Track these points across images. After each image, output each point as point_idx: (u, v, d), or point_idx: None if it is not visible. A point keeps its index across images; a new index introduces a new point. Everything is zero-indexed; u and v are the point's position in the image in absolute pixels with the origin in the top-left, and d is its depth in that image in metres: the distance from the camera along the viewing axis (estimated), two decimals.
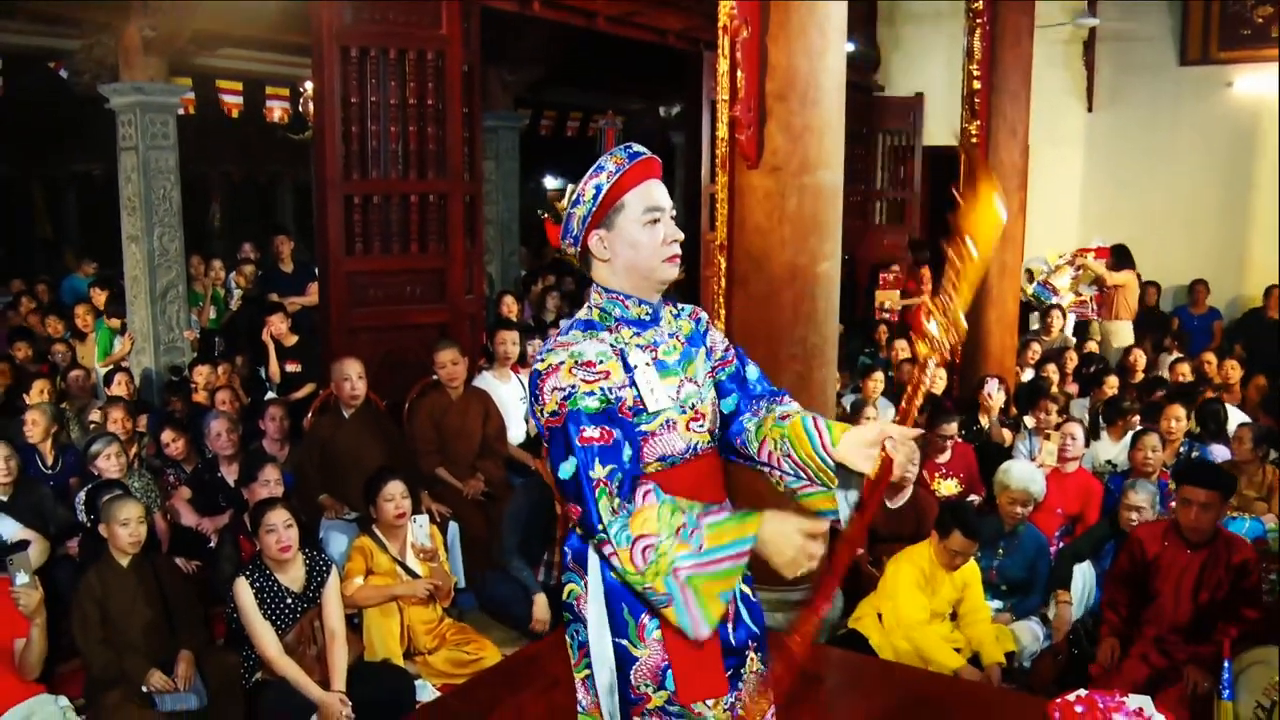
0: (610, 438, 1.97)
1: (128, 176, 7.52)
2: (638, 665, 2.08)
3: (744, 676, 2.17)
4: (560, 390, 1.99)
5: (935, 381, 1.99)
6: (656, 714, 2.09)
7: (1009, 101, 6.96)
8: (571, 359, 2.01)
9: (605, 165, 2.08)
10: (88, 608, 4.04)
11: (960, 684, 4.04)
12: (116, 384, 6.66)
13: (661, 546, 1.91)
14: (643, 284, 2.12)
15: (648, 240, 2.08)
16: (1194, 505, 4.02)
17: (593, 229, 2.08)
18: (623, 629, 2.09)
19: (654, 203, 2.08)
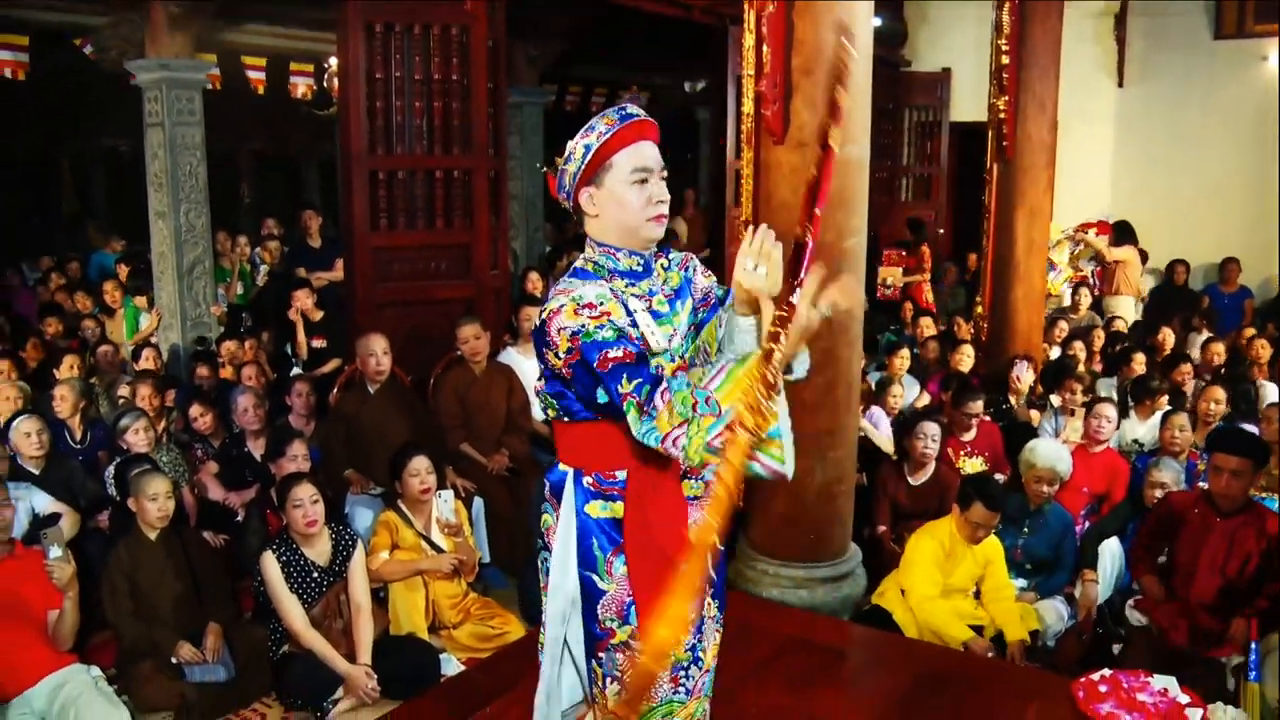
0: (631, 356, 2.00)
1: (154, 153, 7.55)
2: (604, 600, 2.16)
3: (704, 621, 2.25)
4: (567, 329, 2.05)
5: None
6: (620, 649, 2.16)
7: (1038, 77, 6.86)
8: (573, 303, 2.06)
9: (596, 125, 2.15)
10: (117, 581, 4.10)
11: (984, 662, 4.03)
12: (144, 359, 6.72)
13: (688, 432, 1.92)
14: (630, 239, 2.19)
15: (634, 199, 2.14)
16: (1225, 472, 4.01)
17: (583, 186, 2.17)
18: (592, 563, 2.17)
19: (642, 163, 2.14)
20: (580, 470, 2.20)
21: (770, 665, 3.63)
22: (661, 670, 2.11)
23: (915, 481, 5.16)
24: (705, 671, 2.26)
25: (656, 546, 2.14)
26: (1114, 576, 4.65)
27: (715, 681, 2.33)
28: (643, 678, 2.07)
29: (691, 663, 2.22)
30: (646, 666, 2.00)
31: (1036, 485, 4.75)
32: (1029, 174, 6.97)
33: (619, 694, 2.18)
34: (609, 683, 2.20)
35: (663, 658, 2.03)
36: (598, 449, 2.18)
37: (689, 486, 2.24)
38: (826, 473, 4.33)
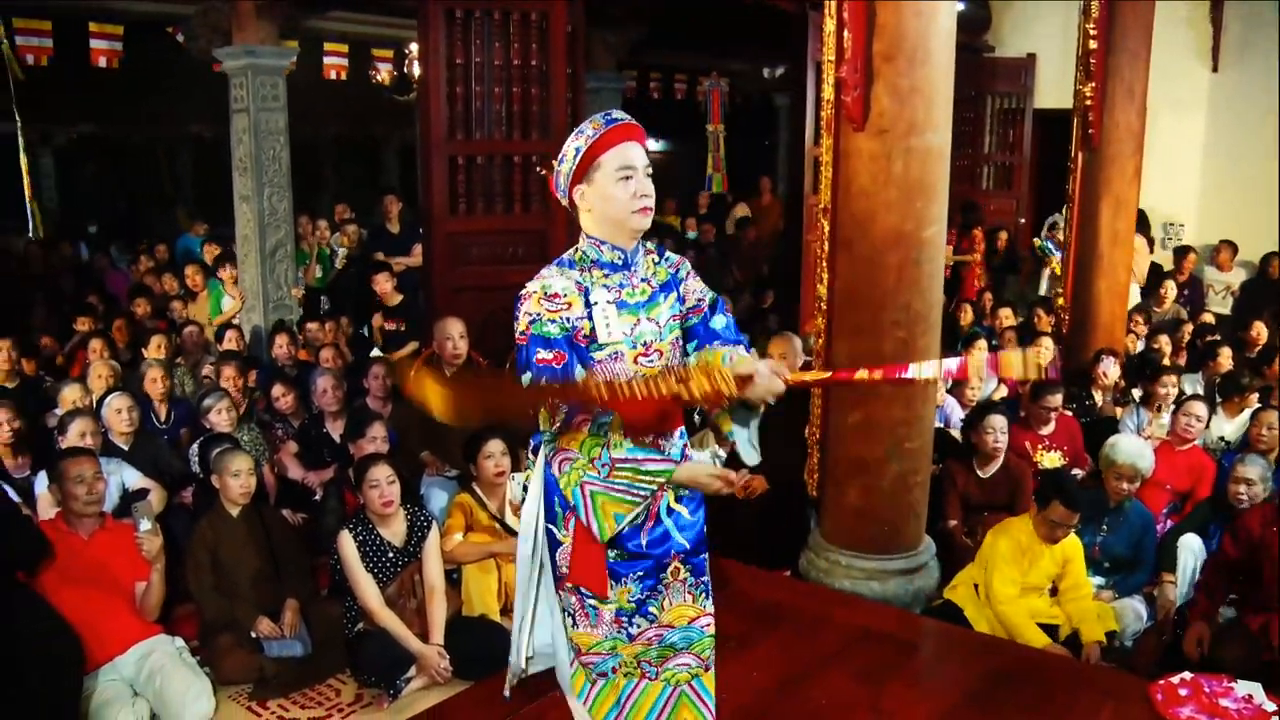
0: (561, 359, 2.31)
1: (239, 138, 7.72)
2: (561, 549, 2.49)
3: (664, 581, 2.50)
4: (529, 315, 2.37)
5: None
6: (573, 592, 2.49)
7: (1127, 62, 6.67)
8: (541, 290, 2.39)
9: (584, 130, 2.39)
10: (200, 555, 4.22)
11: (1057, 659, 3.96)
12: (227, 341, 6.88)
13: (575, 464, 2.33)
14: (618, 232, 2.43)
15: (620, 194, 2.37)
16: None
17: (575, 184, 2.42)
18: (553, 518, 2.48)
19: (627, 162, 2.37)
20: (554, 437, 2.44)
21: (840, 656, 3.61)
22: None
23: (984, 474, 5.08)
24: (664, 626, 2.51)
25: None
26: (1194, 575, 4.53)
27: (778, 668, 2.69)
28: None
29: (636, 612, 2.48)
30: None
31: (1117, 482, 4.64)
32: (1115, 163, 6.79)
33: (573, 626, 2.53)
34: (565, 616, 2.56)
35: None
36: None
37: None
38: (902, 464, 4.29)
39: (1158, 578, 4.58)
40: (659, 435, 2.44)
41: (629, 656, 2.51)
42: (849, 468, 4.37)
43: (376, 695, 4.09)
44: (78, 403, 5.17)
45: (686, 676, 2.55)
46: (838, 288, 4.36)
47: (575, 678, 2.58)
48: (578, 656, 2.55)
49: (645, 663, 2.52)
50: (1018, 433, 5.36)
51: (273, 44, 7.62)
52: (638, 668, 2.52)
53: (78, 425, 4.67)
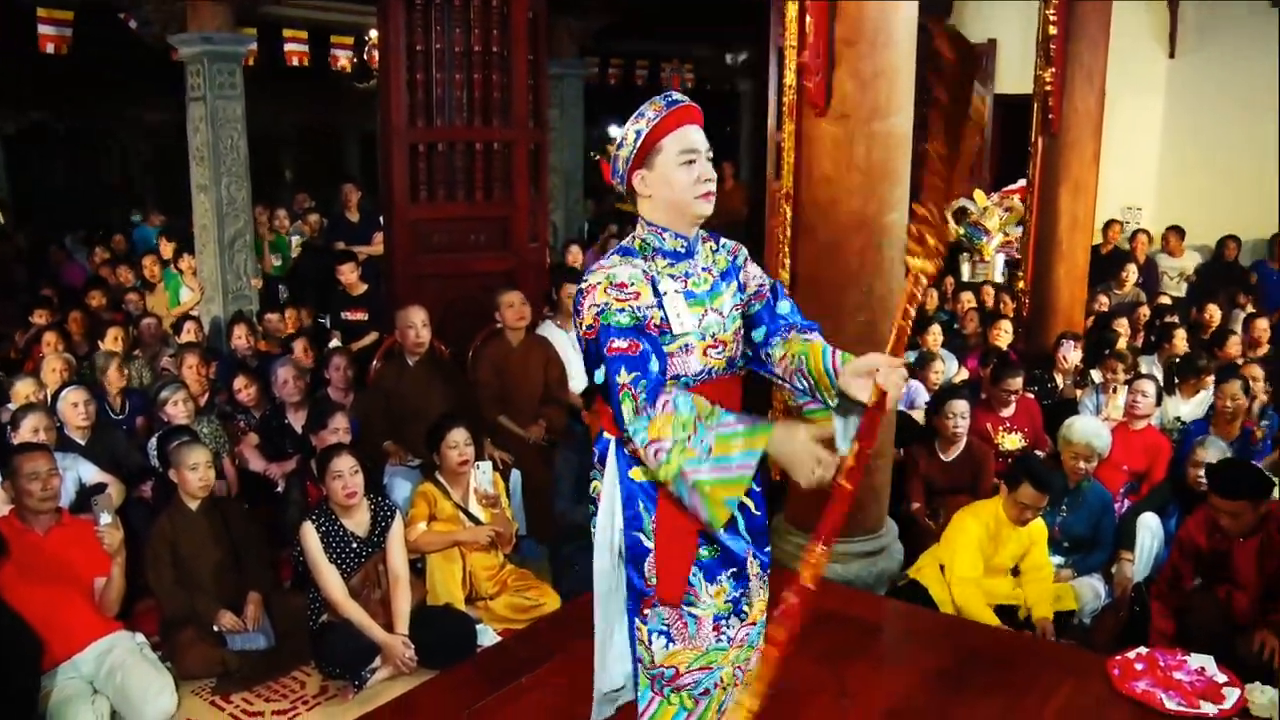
0: (637, 349, 2.17)
1: (196, 126, 7.62)
2: (650, 558, 2.32)
3: (748, 578, 2.39)
4: (595, 307, 2.22)
5: (926, 298, 2.01)
6: (667, 604, 2.33)
7: (1086, 47, 6.72)
8: (606, 280, 2.24)
9: (645, 112, 2.30)
10: (159, 550, 4.18)
11: (1019, 638, 4.01)
12: (186, 332, 6.80)
13: (671, 451, 2.06)
14: (679, 219, 2.33)
15: (682, 179, 2.28)
16: (1224, 514, 3.86)
17: (635, 169, 2.31)
18: (639, 524, 2.33)
19: (689, 145, 2.28)
20: (621, 439, 2.31)
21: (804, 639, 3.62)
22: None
23: (947, 458, 5.13)
24: (748, 624, 2.41)
25: (687, 512, 2.23)
26: (1152, 554, 4.60)
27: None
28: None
29: (733, 614, 2.36)
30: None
31: (1073, 462, 4.71)
32: (1074, 148, 6.85)
33: (666, 647, 2.34)
34: (654, 637, 2.35)
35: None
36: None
37: None
38: None
39: (1116, 556, 4.65)
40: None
41: (728, 667, 2.39)
42: None
43: (341, 687, 4.07)
44: (31, 397, 5.10)
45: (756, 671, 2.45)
46: (801, 273, 4.37)
47: (662, 712, 2.40)
48: (671, 681, 2.36)
49: (738, 669, 2.41)
50: (979, 415, 5.41)
51: (229, 31, 7.53)
52: (734, 677, 2.40)
53: (31, 420, 4.60)
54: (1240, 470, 4.06)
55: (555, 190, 10.49)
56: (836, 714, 3.20)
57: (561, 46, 10.47)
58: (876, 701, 3.26)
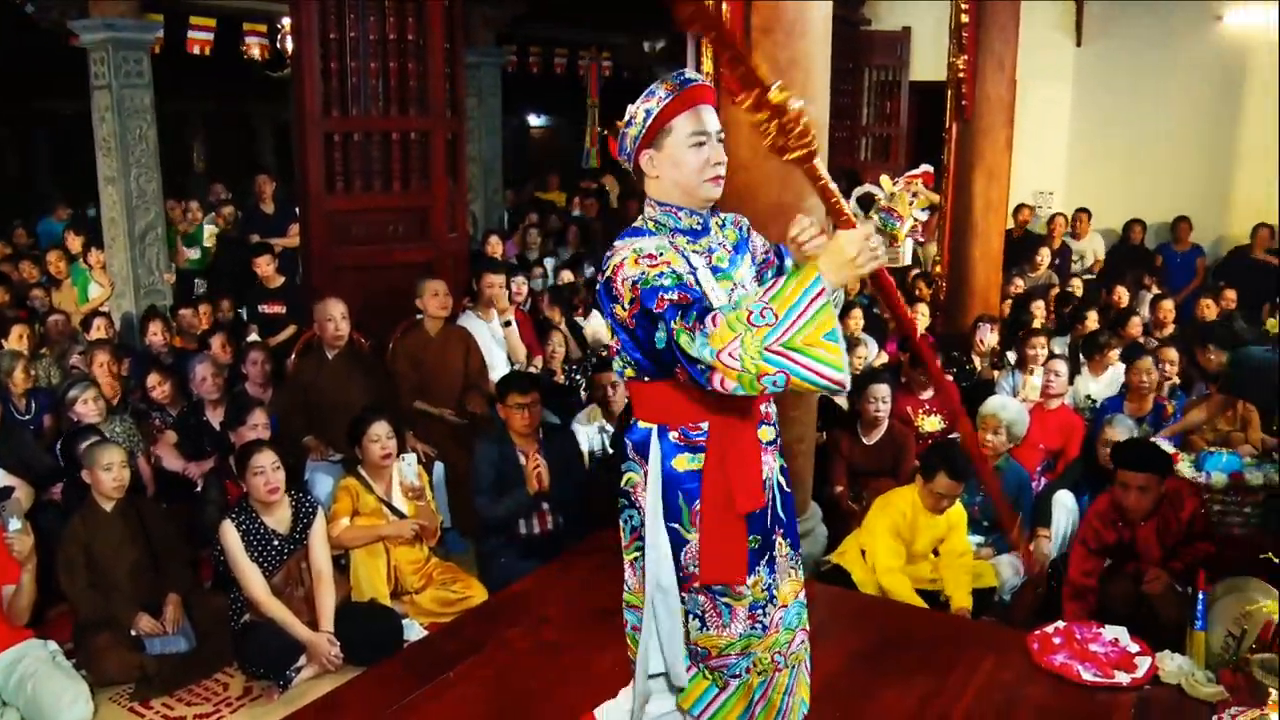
0: (688, 299, 2.08)
1: (101, 116, 7.39)
2: (688, 547, 2.31)
3: (775, 560, 2.38)
4: (629, 279, 2.13)
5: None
6: (702, 591, 2.32)
7: (997, 35, 6.87)
8: (634, 254, 2.17)
9: (656, 91, 2.25)
10: (73, 553, 4.05)
11: (941, 618, 4.09)
12: (95, 329, 6.61)
13: (743, 341, 1.95)
14: (689, 199, 2.30)
15: (691, 161, 2.25)
16: (1132, 489, 3.99)
17: (643, 149, 2.27)
18: (677, 515, 2.30)
19: (700, 127, 2.24)
20: (664, 426, 2.30)
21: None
22: None
23: (869, 441, 5.21)
24: (781, 607, 2.40)
25: (728, 494, 2.26)
26: (1067, 531, 4.73)
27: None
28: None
29: (768, 601, 2.36)
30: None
31: (986, 435, 4.82)
32: (988, 134, 7.00)
33: (700, 629, 2.35)
34: (690, 619, 2.37)
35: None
36: (682, 403, 2.26)
37: (764, 433, 2.38)
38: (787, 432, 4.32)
39: (1033, 534, 4.76)
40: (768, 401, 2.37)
41: (763, 652, 2.38)
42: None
43: (266, 687, 4.00)
44: None
45: (803, 654, 2.48)
46: None
47: (694, 685, 2.41)
48: (704, 661, 2.38)
49: (778, 654, 2.40)
50: (899, 398, 5.50)
51: (134, 17, 7.30)
52: (772, 662, 2.39)
53: None
54: (1145, 447, 4.25)
55: (474, 180, 10.39)
56: None
57: (478, 34, 10.37)
58: None
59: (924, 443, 5.52)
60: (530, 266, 8.52)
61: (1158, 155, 9.73)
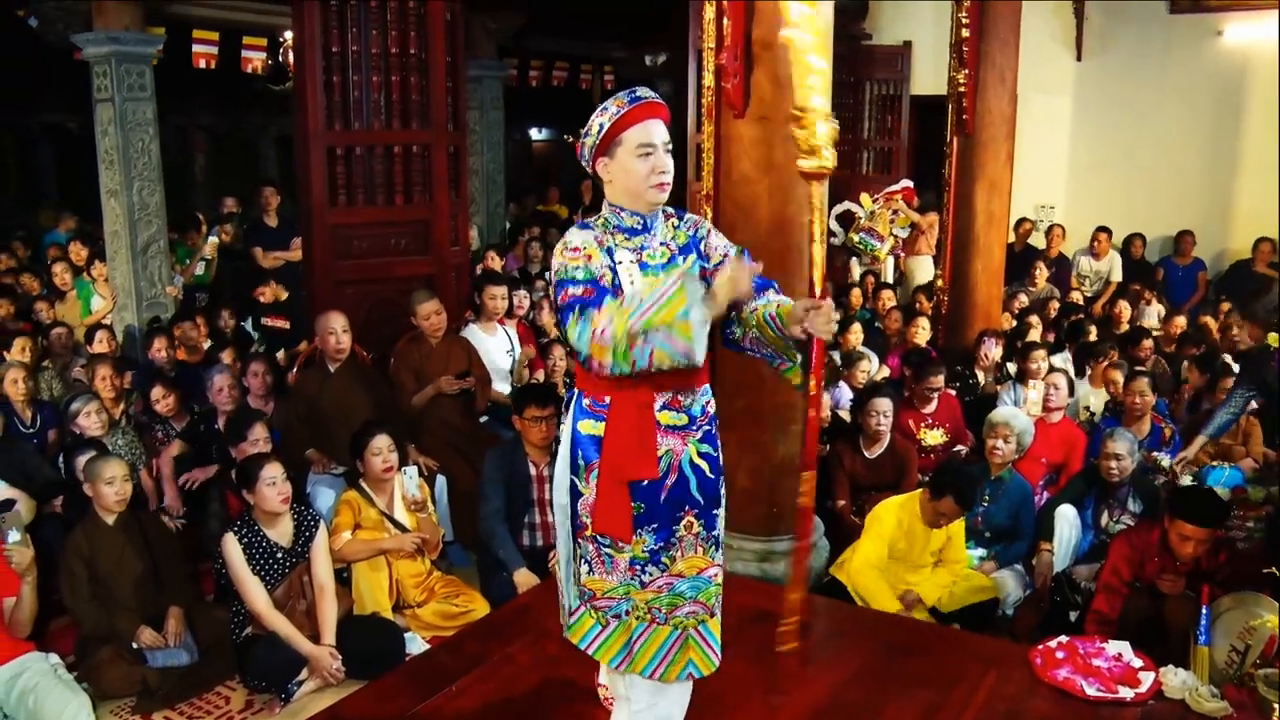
0: (591, 293, 2.43)
1: (104, 129, 7.40)
2: (582, 500, 2.59)
3: (677, 534, 2.60)
4: (554, 269, 2.50)
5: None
6: (591, 540, 2.59)
7: (998, 49, 6.88)
8: (562, 246, 2.51)
9: (609, 106, 2.52)
10: (75, 566, 4.05)
11: (943, 632, 4.08)
12: (98, 342, 6.61)
13: (613, 322, 2.32)
14: (636, 203, 2.56)
15: (638, 170, 2.50)
16: (1192, 541, 3.80)
17: (598, 157, 2.54)
18: (577, 470, 2.59)
19: (647, 139, 2.50)
20: (581, 392, 2.60)
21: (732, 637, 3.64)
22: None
23: (870, 455, 5.21)
24: (671, 575, 2.61)
25: (620, 466, 2.52)
26: (1070, 545, 4.72)
27: None
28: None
29: (649, 561, 2.58)
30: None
31: (993, 441, 4.83)
32: (989, 147, 7.00)
33: (589, 573, 2.61)
34: (581, 562, 2.63)
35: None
36: (594, 377, 2.51)
37: (670, 417, 2.57)
38: (788, 446, 4.35)
39: (1036, 548, 4.75)
40: (680, 390, 2.54)
41: (640, 602, 2.61)
42: (736, 452, 4.40)
43: (268, 700, 4.00)
44: None
45: (693, 622, 2.65)
46: None
47: (581, 621, 2.67)
48: (590, 601, 2.64)
49: (655, 609, 2.61)
50: (901, 412, 5.49)
51: (137, 30, 7.32)
52: (648, 613, 2.62)
53: None
54: (1208, 498, 4.06)
55: (475, 193, 10.41)
56: (767, 712, 3.22)
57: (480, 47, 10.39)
58: (807, 698, 3.29)
59: (926, 457, 5.52)
60: (532, 280, 8.53)
61: (1158, 169, 9.75)
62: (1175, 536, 3.84)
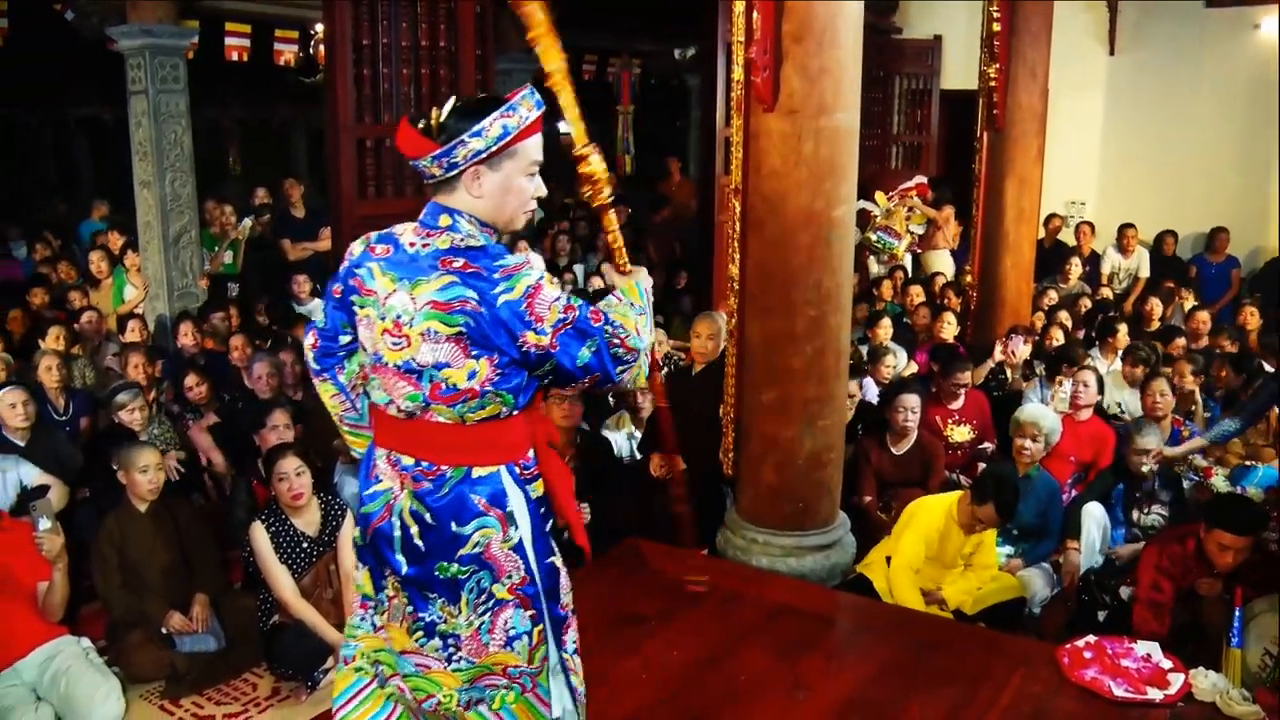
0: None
1: (138, 121, 7.47)
2: (563, 575, 2.29)
3: (386, 591, 2.25)
4: (559, 299, 2.07)
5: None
6: (573, 614, 2.33)
7: (1029, 44, 6.82)
8: (546, 275, 2.10)
9: (518, 108, 2.12)
10: (107, 553, 4.11)
11: (970, 630, 4.06)
12: (130, 331, 6.68)
13: (639, 331, 2.18)
14: (504, 225, 2.21)
15: (526, 190, 2.18)
16: (1231, 550, 3.71)
17: (478, 164, 2.12)
18: (550, 550, 2.24)
19: (539, 157, 2.18)
20: (511, 464, 2.19)
21: (759, 632, 3.65)
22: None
23: (898, 451, 5.18)
24: (383, 632, 2.28)
25: (560, 510, 2.29)
26: (1097, 544, 4.69)
27: (697, 645, 2.71)
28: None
29: (373, 607, 2.30)
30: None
31: (1021, 441, 4.80)
32: (1019, 142, 6.95)
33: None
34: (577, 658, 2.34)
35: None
36: (521, 437, 2.21)
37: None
38: (816, 441, 4.34)
39: (1064, 546, 4.72)
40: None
41: (368, 649, 2.31)
42: (764, 446, 4.41)
43: (294, 688, 4.04)
44: None
45: (409, 702, 2.28)
46: (750, 268, 4.39)
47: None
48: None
49: (379, 663, 2.30)
50: (928, 408, 5.46)
51: (171, 23, 7.39)
52: (372, 666, 2.31)
53: None
54: (1247, 507, 4.00)
55: None
56: (791, 707, 3.22)
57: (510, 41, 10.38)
58: (831, 694, 3.28)
59: (953, 453, 5.49)
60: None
61: (1191, 165, 9.63)
62: (1214, 546, 3.76)
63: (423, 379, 2.09)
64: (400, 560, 2.18)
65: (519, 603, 2.19)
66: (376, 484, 2.22)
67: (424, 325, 2.05)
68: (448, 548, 2.13)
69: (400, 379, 2.12)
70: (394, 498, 2.18)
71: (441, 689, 2.21)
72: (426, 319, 2.05)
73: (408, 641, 2.22)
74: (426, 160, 2.15)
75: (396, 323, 2.08)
